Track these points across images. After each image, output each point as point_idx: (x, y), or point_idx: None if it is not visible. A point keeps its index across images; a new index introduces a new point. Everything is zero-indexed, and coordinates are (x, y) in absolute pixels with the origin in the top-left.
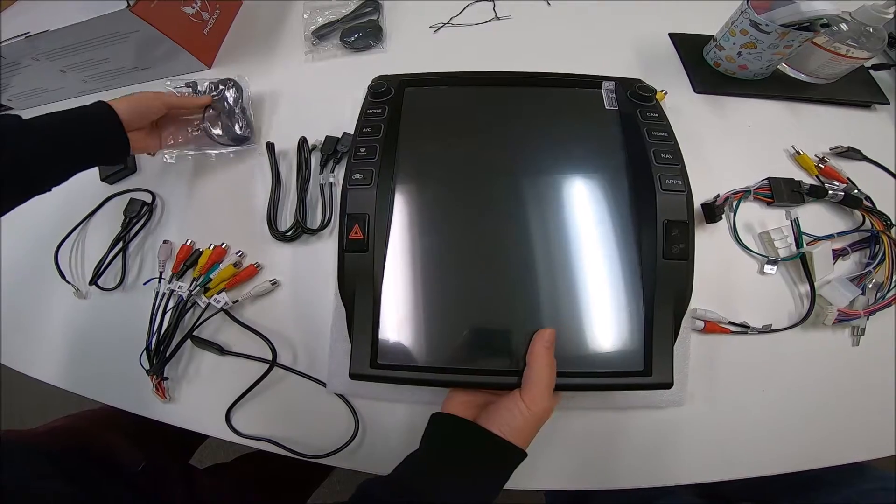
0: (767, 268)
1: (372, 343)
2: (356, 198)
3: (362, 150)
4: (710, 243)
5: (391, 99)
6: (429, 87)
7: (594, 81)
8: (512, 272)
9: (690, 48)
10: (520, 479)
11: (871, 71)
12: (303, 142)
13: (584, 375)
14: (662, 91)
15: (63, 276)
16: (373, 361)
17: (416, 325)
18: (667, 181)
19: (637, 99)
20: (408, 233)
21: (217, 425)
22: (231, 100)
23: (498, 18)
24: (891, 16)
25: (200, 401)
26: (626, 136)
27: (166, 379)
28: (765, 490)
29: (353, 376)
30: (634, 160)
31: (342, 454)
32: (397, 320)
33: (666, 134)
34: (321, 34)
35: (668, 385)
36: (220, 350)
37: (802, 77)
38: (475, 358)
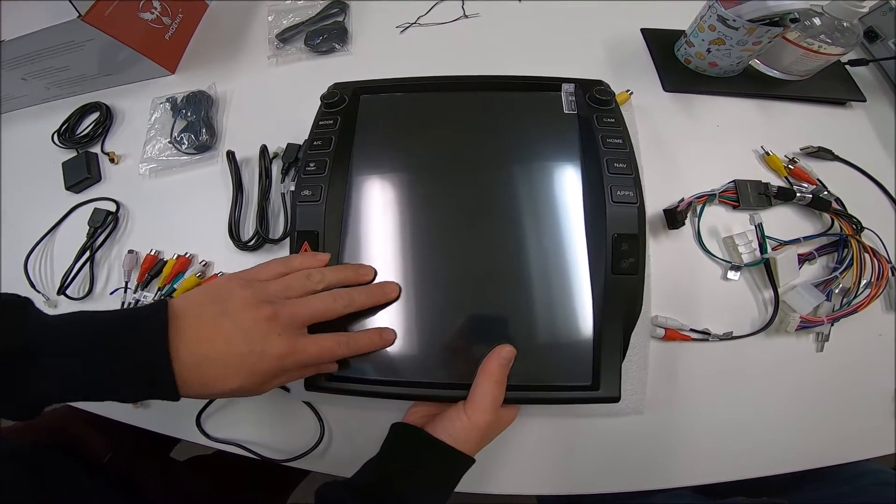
0: (731, 274)
1: None
2: (305, 214)
3: (312, 164)
4: (673, 248)
5: (344, 108)
6: (385, 94)
7: (554, 84)
8: (464, 286)
9: (662, 44)
10: (477, 483)
11: (847, 67)
12: (263, 150)
13: (532, 389)
14: (628, 91)
15: (33, 286)
16: (327, 374)
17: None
18: (618, 192)
19: (595, 103)
20: (361, 247)
21: (188, 429)
22: (199, 110)
23: (466, 17)
24: (864, 10)
25: (171, 406)
26: (583, 142)
27: None
28: (761, 486)
29: (307, 388)
30: (588, 169)
31: (310, 457)
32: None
33: (621, 141)
34: (285, 37)
35: (616, 399)
36: None
37: (775, 74)
38: (428, 371)
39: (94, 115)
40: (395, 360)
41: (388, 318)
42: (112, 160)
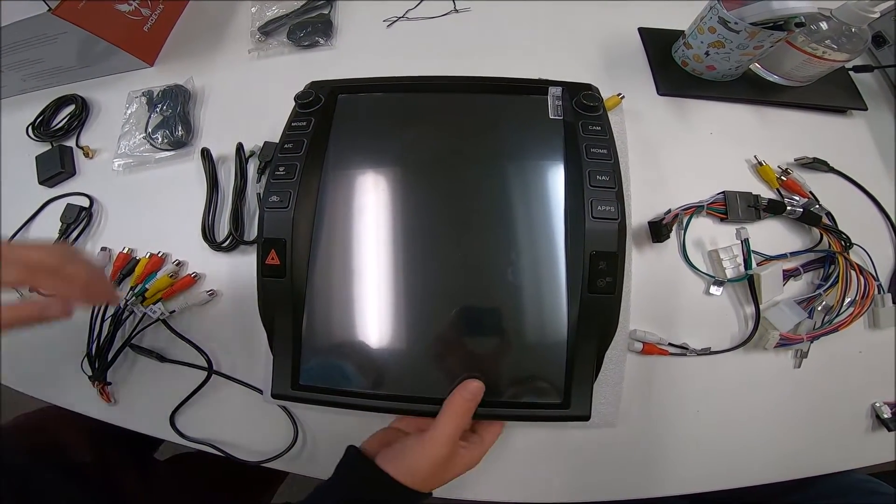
0: (713, 289)
1: (293, 365)
2: (273, 221)
3: (281, 169)
4: (656, 261)
5: (319, 109)
6: (364, 94)
7: (541, 87)
8: (436, 300)
9: (659, 45)
10: (450, 489)
11: (851, 73)
12: (239, 148)
13: (503, 405)
14: (619, 95)
15: None
16: (294, 383)
17: (339, 349)
18: (599, 207)
19: (581, 108)
20: (332, 257)
21: (162, 427)
22: (175, 105)
23: (457, 11)
24: (877, 14)
25: (145, 404)
26: (567, 150)
27: (109, 384)
28: (744, 496)
29: (274, 396)
30: (571, 180)
31: (284, 459)
32: (321, 343)
33: (605, 152)
34: (268, 30)
35: (586, 418)
36: (160, 357)
37: (775, 79)
38: (397, 384)
39: (70, 108)
40: (367, 372)
41: (367, 329)
42: (86, 154)
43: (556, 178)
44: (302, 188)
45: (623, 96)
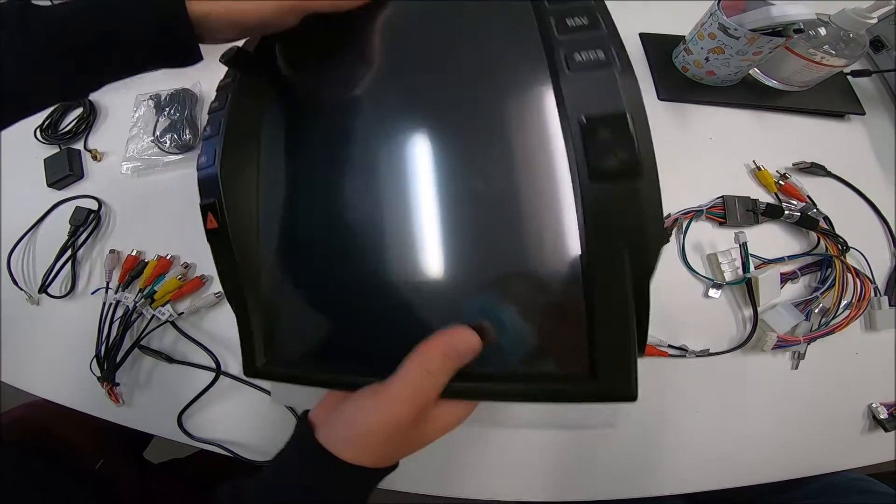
0: (712, 291)
1: (264, 337)
2: (205, 184)
3: (207, 128)
4: None
5: (246, 58)
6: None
7: None
8: (408, 247)
9: (660, 50)
10: (446, 486)
11: (850, 78)
12: None
13: (503, 380)
14: None
15: (15, 283)
16: (267, 357)
17: (306, 319)
18: (579, 55)
19: None
20: (286, 207)
21: (170, 428)
22: (183, 109)
23: None
24: (874, 20)
25: (153, 405)
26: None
27: (118, 385)
28: (738, 496)
29: (246, 374)
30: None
31: None
32: (288, 314)
33: None
34: None
35: (629, 397)
36: (168, 359)
37: (774, 84)
38: (372, 354)
39: (78, 111)
40: (339, 343)
41: (332, 295)
42: (95, 157)
43: (530, 51)
44: (229, 141)
45: None
